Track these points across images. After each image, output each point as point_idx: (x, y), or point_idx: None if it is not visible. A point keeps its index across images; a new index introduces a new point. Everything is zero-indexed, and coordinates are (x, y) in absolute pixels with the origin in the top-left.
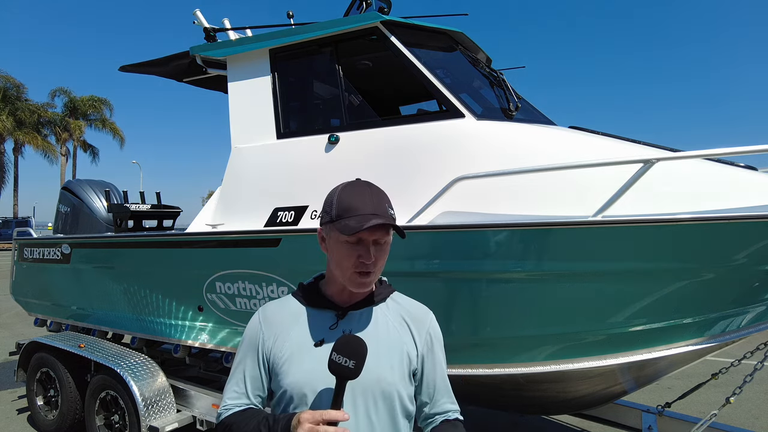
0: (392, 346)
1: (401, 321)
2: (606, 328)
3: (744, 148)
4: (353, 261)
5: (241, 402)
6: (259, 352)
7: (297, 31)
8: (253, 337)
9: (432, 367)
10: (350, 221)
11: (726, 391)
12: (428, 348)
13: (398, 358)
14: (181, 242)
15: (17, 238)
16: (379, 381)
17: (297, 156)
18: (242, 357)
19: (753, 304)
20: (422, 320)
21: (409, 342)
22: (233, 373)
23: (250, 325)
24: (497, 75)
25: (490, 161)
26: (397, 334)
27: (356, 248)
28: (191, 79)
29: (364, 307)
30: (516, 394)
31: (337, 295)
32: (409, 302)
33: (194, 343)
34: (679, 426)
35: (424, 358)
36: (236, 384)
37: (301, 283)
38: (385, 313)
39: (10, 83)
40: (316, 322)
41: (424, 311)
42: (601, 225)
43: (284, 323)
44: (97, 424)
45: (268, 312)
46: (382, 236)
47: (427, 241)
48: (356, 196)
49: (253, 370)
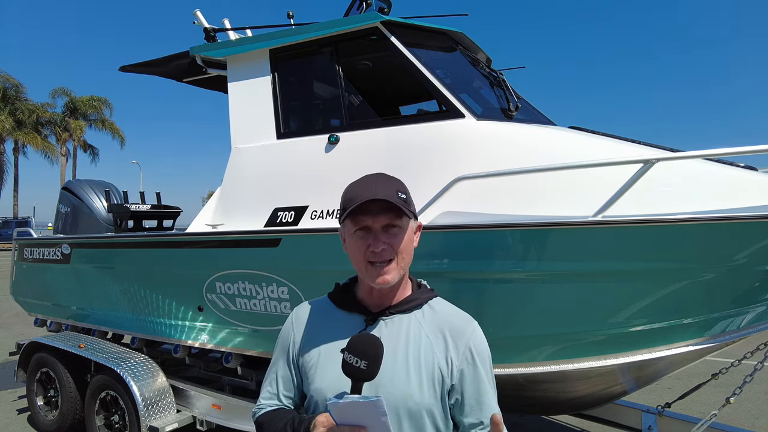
0: (423, 359)
1: (436, 332)
2: (606, 328)
3: (744, 148)
4: (364, 252)
5: (273, 402)
6: (290, 353)
7: (297, 32)
8: (285, 339)
9: (472, 384)
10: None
11: (726, 391)
12: (467, 362)
13: (429, 373)
14: (181, 242)
15: (17, 238)
16: (406, 398)
17: (297, 156)
18: (276, 357)
19: (753, 304)
20: (462, 332)
21: (443, 356)
22: (268, 373)
23: (285, 325)
24: (497, 75)
25: (490, 161)
26: (430, 347)
27: (365, 237)
28: (191, 80)
29: (395, 314)
30: (516, 394)
31: (367, 298)
32: (449, 310)
33: (194, 343)
34: (679, 426)
35: (462, 374)
36: (270, 384)
37: (337, 284)
38: (420, 322)
39: (10, 83)
40: (344, 326)
41: (465, 322)
42: (601, 225)
43: (314, 325)
44: (97, 424)
45: (300, 313)
46: (391, 220)
47: (426, 241)
48: (360, 185)
49: (285, 371)
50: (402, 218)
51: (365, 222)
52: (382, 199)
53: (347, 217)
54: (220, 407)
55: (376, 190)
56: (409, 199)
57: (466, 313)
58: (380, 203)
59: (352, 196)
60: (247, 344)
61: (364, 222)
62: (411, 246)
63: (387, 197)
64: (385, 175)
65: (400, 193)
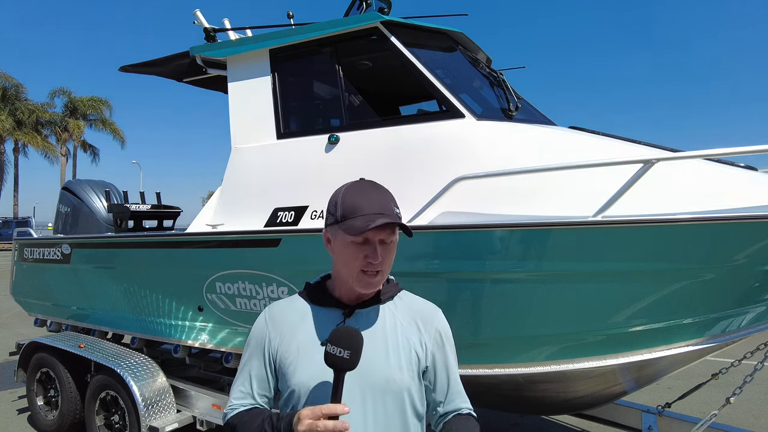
0: (401, 345)
1: (409, 319)
2: (606, 328)
3: (744, 148)
4: (360, 261)
5: (246, 402)
6: (266, 352)
7: (297, 32)
8: (259, 337)
9: (443, 366)
10: (356, 221)
11: (726, 391)
12: (438, 346)
13: (407, 357)
14: (181, 242)
15: (17, 238)
16: (389, 381)
17: (297, 156)
18: (249, 357)
19: (753, 304)
20: (431, 318)
21: (418, 341)
22: (239, 373)
23: (256, 324)
24: (497, 75)
25: (490, 161)
26: (405, 333)
27: (363, 248)
28: (191, 80)
29: (371, 306)
30: (516, 394)
31: (344, 296)
32: (416, 300)
33: (194, 343)
34: (679, 426)
35: (434, 357)
36: (242, 384)
37: (307, 283)
38: (393, 312)
39: (10, 83)
40: (323, 320)
41: (432, 309)
42: (601, 225)
43: (291, 323)
44: (97, 424)
45: (275, 311)
46: (389, 236)
47: (426, 241)
48: (361, 195)
49: (260, 370)
50: (396, 233)
51: (367, 235)
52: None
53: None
54: (221, 407)
55: (381, 207)
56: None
57: (430, 302)
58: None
59: (354, 207)
60: None
61: (366, 235)
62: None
63: (393, 219)
64: (377, 184)
65: (395, 207)
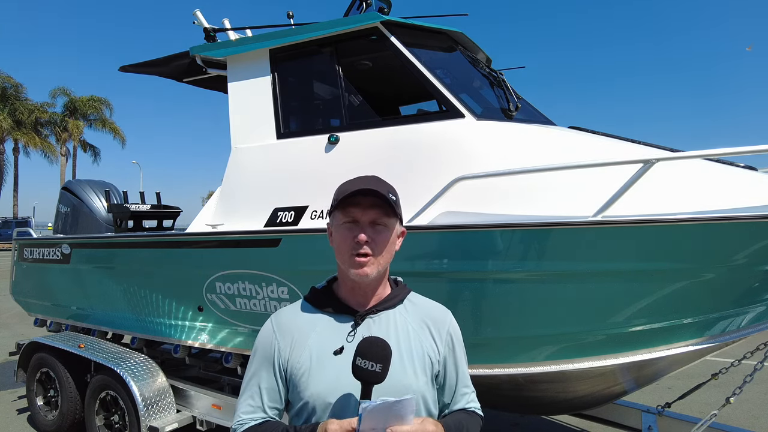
0: (414, 350)
1: (420, 323)
2: (606, 328)
3: (744, 148)
4: (350, 243)
5: (257, 416)
6: (276, 362)
7: (297, 32)
8: (267, 347)
9: (453, 369)
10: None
11: (726, 391)
12: (449, 349)
13: (420, 362)
14: (181, 242)
15: (17, 239)
16: (406, 389)
17: (297, 156)
18: (257, 368)
19: (753, 304)
20: (442, 321)
21: (431, 345)
22: (247, 386)
23: (263, 333)
24: (497, 75)
25: (489, 161)
26: (417, 338)
27: (352, 229)
28: (191, 79)
29: (381, 311)
30: (516, 394)
31: (350, 297)
32: (427, 303)
33: (194, 343)
34: (679, 426)
35: (446, 360)
36: (251, 397)
37: (313, 287)
38: (404, 316)
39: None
40: (333, 328)
41: (443, 312)
42: (601, 225)
43: (300, 331)
44: (97, 424)
45: (282, 319)
46: (379, 216)
47: (426, 241)
48: (354, 180)
49: (269, 382)
50: (390, 218)
51: (354, 213)
52: (373, 194)
53: (337, 208)
54: (220, 407)
55: (369, 185)
56: (399, 203)
57: (441, 304)
58: (371, 199)
59: (345, 189)
60: (247, 344)
61: (353, 213)
62: (393, 247)
63: (381, 190)
64: (379, 177)
65: (391, 194)
